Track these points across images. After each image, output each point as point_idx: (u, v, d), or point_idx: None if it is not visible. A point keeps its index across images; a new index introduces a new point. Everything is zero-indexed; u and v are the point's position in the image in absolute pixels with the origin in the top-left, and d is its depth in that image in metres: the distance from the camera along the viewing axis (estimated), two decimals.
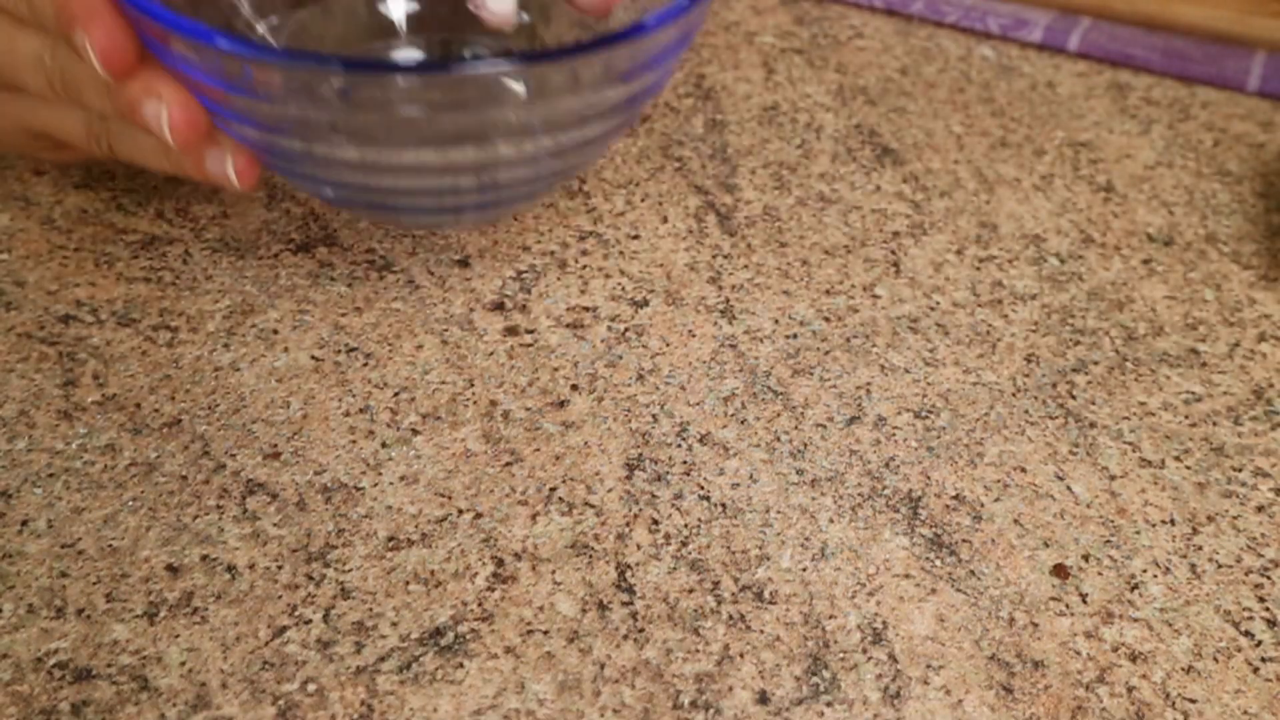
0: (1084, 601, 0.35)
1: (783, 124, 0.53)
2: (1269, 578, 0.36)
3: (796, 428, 0.39)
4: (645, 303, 0.44)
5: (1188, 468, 0.39)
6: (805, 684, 0.33)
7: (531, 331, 0.42)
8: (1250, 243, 0.48)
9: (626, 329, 0.42)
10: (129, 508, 0.37)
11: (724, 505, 0.37)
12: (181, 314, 0.43)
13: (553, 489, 0.37)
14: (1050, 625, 0.34)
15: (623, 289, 0.44)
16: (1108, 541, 0.37)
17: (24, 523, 0.36)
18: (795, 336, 0.43)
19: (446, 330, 0.42)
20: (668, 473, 0.38)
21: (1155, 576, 0.36)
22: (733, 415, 0.40)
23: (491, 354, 0.41)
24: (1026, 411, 0.41)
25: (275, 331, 0.42)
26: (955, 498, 0.38)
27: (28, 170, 0.49)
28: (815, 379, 0.41)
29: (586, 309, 0.43)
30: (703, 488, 0.37)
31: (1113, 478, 0.38)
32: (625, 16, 0.42)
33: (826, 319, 0.44)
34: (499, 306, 0.43)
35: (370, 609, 0.34)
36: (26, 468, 0.38)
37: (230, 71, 0.32)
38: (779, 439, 0.39)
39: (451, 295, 0.44)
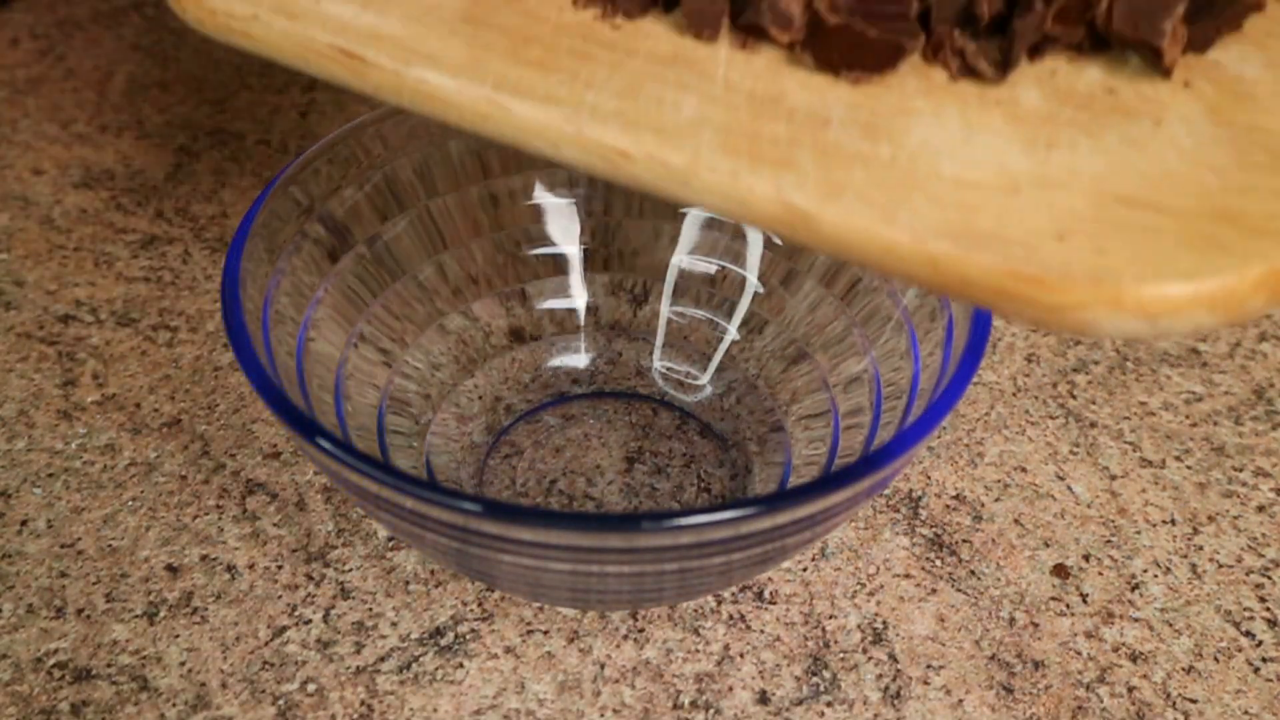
0: (1084, 601, 0.35)
1: None
2: (1270, 578, 0.36)
3: None
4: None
5: (1188, 467, 0.39)
6: (805, 684, 0.33)
7: (537, 338, 0.42)
8: None
9: None
10: (129, 508, 0.37)
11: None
12: (181, 314, 0.43)
13: (553, 481, 0.37)
14: (1050, 625, 0.34)
15: None
16: (1108, 541, 0.37)
17: (23, 523, 0.36)
18: None
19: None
20: (667, 466, 0.38)
21: (1156, 576, 0.36)
22: (728, 410, 0.40)
23: (495, 355, 0.41)
24: (1027, 411, 0.40)
25: None
26: (955, 497, 0.38)
27: (27, 170, 0.49)
28: None
29: None
30: (703, 480, 0.37)
31: (1113, 477, 0.38)
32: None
33: None
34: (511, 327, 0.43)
35: (370, 609, 0.34)
36: (26, 468, 0.38)
37: (358, 485, 0.29)
38: None
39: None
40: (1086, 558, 0.36)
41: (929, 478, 0.38)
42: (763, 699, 0.32)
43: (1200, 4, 0.27)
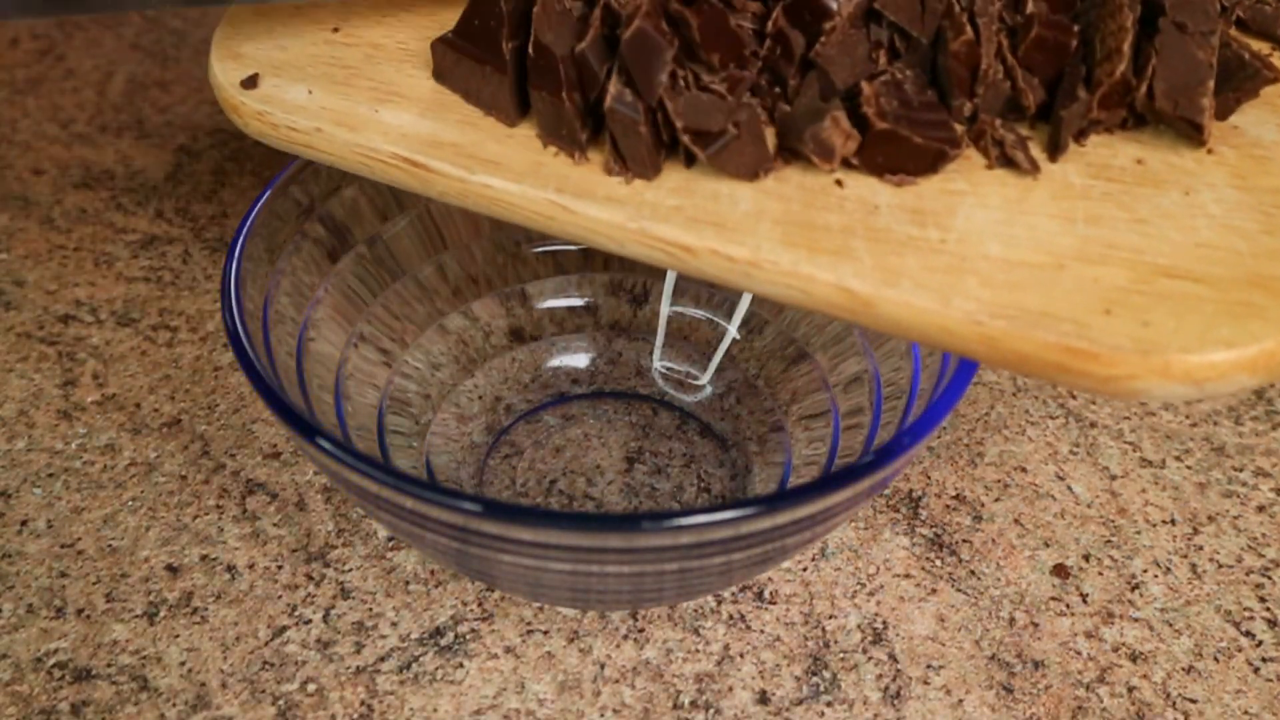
0: (1084, 601, 0.35)
1: None
2: (1270, 578, 0.36)
3: None
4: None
5: (1188, 467, 0.39)
6: (805, 684, 0.33)
7: (537, 338, 0.42)
8: None
9: None
10: (129, 508, 0.37)
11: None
12: (181, 314, 0.43)
13: (553, 481, 0.37)
14: (1051, 625, 0.34)
15: None
16: (1108, 541, 0.37)
17: (23, 523, 0.36)
18: None
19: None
20: (667, 465, 0.38)
21: (1156, 576, 0.36)
22: (728, 410, 0.40)
23: (495, 355, 0.41)
24: (1027, 411, 0.40)
25: None
26: (955, 497, 0.38)
27: (27, 169, 0.49)
28: None
29: None
30: (703, 480, 0.37)
31: (1113, 477, 0.38)
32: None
33: None
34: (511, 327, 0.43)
35: (370, 609, 0.34)
36: (26, 468, 0.38)
37: (358, 485, 0.29)
38: None
39: None
40: (1086, 558, 0.36)
41: (929, 478, 0.38)
42: (763, 699, 0.32)
43: (1221, 76, 0.28)
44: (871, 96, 0.27)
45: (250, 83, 0.31)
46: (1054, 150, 0.28)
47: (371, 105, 0.30)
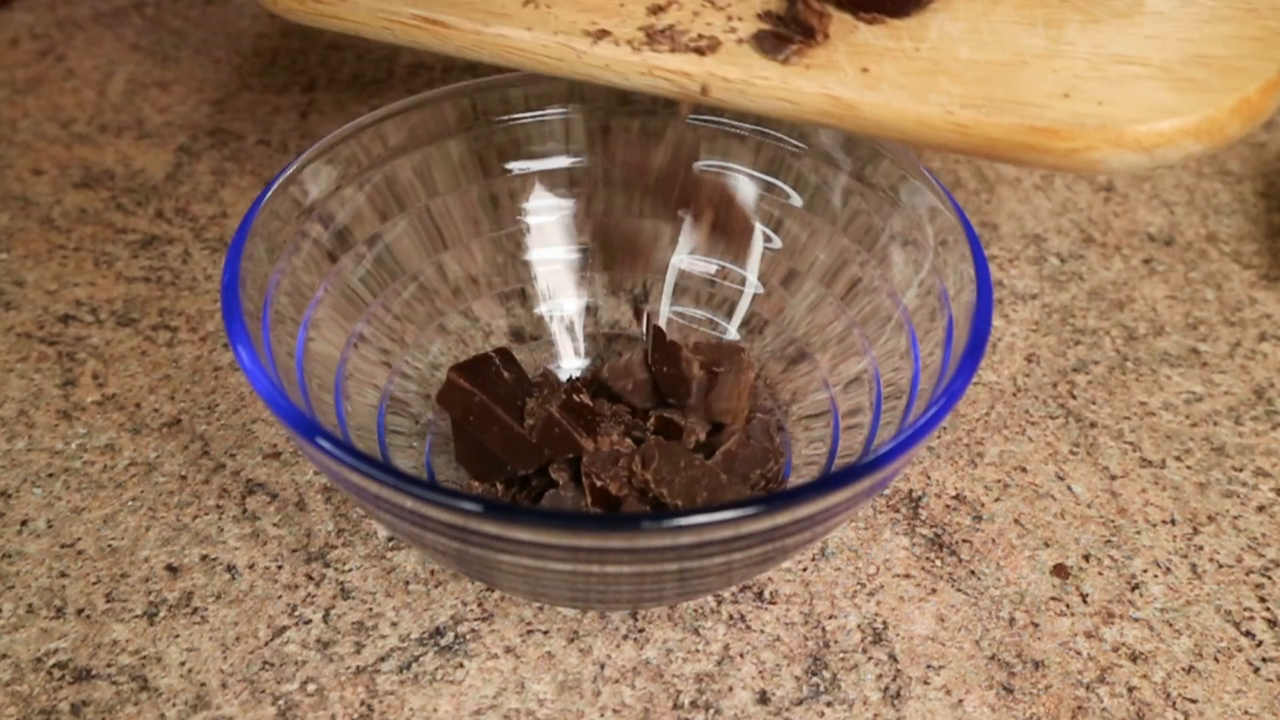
0: (1084, 601, 0.35)
1: None
2: (1270, 578, 0.36)
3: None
4: None
5: (1188, 467, 0.39)
6: (805, 684, 0.33)
7: (537, 339, 0.42)
8: (1251, 242, 0.47)
9: None
10: (129, 508, 0.37)
11: None
12: (181, 314, 0.43)
13: None
14: (1051, 625, 0.34)
15: None
16: (1108, 541, 0.37)
17: (23, 522, 0.36)
18: None
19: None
20: None
21: (1156, 576, 0.36)
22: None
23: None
24: (1027, 411, 0.40)
25: None
26: (955, 497, 0.38)
27: (27, 170, 0.49)
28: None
29: None
30: None
31: (1113, 477, 0.38)
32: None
33: None
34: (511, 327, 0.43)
35: (370, 609, 0.34)
36: (26, 467, 0.38)
37: (358, 485, 0.28)
38: None
39: None
40: (1086, 558, 0.36)
41: (929, 478, 0.38)
42: (763, 699, 0.32)
43: None
44: None
45: None
46: None
47: None
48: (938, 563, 0.36)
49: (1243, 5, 0.30)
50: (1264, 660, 0.34)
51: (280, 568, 0.35)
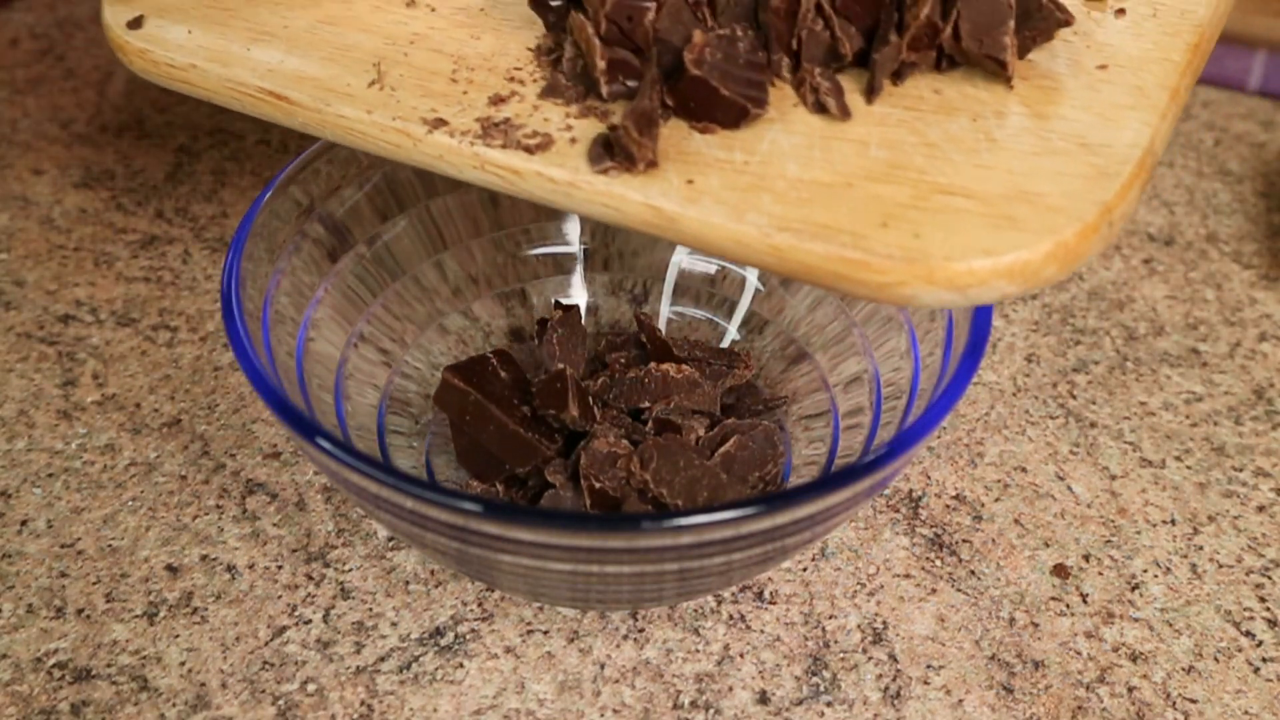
0: (1084, 601, 0.35)
1: None
2: (1270, 578, 0.36)
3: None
4: None
5: (1188, 468, 0.39)
6: (805, 684, 0.33)
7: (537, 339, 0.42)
8: (1251, 242, 0.47)
9: None
10: (128, 508, 0.37)
11: None
12: (181, 314, 0.43)
13: None
14: (1051, 625, 0.34)
15: None
16: (1108, 541, 0.37)
17: (23, 523, 0.36)
18: None
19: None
20: None
21: (1156, 576, 0.36)
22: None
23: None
24: (1027, 411, 0.40)
25: None
26: (955, 497, 0.38)
27: (27, 170, 0.49)
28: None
29: None
30: None
31: (1113, 477, 0.38)
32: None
33: None
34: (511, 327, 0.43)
35: (370, 609, 0.34)
36: (26, 467, 0.38)
37: (358, 485, 0.29)
38: None
39: None
40: (1087, 558, 0.36)
41: (929, 478, 0.38)
42: (763, 699, 0.32)
43: (1020, 17, 0.30)
44: (699, 46, 0.29)
45: (136, 23, 0.34)
46: (870, 92, 0.30)
47: (245, 44, 0.33)
48: (938, 563, 0.36)
49: (1075, 140, 0.28)
50: (1264, 660, 0.34)
51: (280, 568, 0.35)
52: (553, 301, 0.40)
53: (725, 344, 0.40)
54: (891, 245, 0.26)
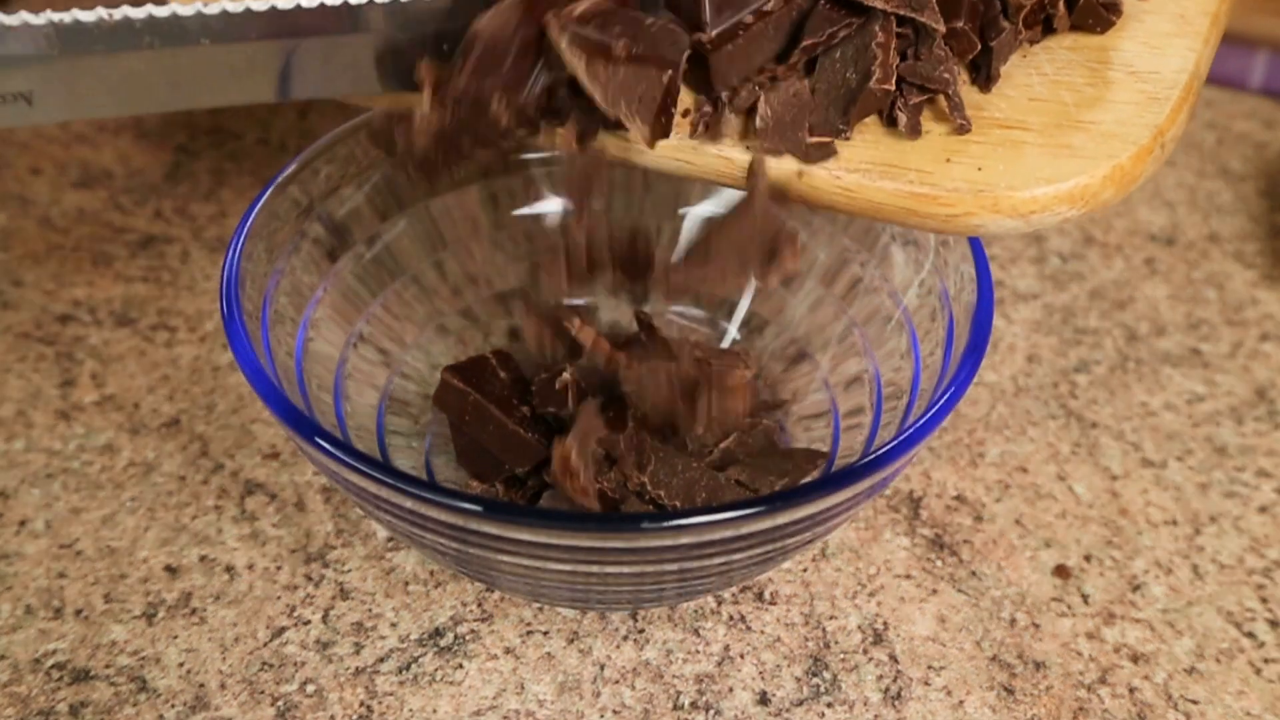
0: (1085, 602, 0.35)
1: None
2: (1271, 578, 0.36)
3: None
4: None
5: (1190, 468, 0.39)
6: (805, 684, 0.33)
7: None
8: (1253, 242, 0.47)
9: None
10: (127, 508, 0.37)
11: None
12: (180, 314, 0.43)
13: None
14: (1052, 626, 0.34)
15: None
16: (1109, 542, 0.36)
17: (22, 523, 0.36)
18: None
19: None
20: None
21: (1157, 577, 0.36)
22: None
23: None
24: (1028, 411, 0.40)
25: None
26: (956, 498, 0.38)
27: (26, 169, 0.49)
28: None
29: None
30: None
31: (1114, 478, 0.38)
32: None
33: None
34: (511, 327, 0.43)
35: (370, 609, 0.34)
36: (24, 468, 0.38)
37: (358, 485, 0.28)
38: None
39: None
40: (1088, 558, 0.36)
41: (929, 478, 0.38)
42: (763, 700, 0.32)
43: None
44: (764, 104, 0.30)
45: None
46: (987, 81, 0.31)
47: None
48: (938, 563, 0.36)
49: (1125, 69, 0.30)
50: (1265, 661, 0.33)
51: (279, 568, 0.35)
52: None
53: (725, 344, 0.40)
54: (957, 179, 0.28)
